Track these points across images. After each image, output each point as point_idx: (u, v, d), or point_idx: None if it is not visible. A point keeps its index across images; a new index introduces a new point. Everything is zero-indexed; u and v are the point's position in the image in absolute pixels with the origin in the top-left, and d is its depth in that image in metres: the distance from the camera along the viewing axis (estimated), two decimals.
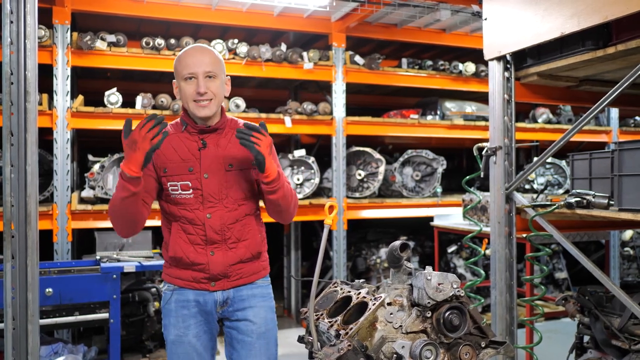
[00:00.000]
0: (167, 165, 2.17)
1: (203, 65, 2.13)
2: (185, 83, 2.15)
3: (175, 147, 2.18)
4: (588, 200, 2.77)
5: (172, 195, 2.17)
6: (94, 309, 3.84)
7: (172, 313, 2.21)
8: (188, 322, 2.19)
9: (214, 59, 2.18)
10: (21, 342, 2.33)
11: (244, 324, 2.23)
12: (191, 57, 2.15)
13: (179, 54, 2.21)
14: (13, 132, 2.30)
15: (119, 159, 4.83)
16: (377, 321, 1.67)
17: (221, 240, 2.16)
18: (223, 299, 2.21)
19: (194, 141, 2.19)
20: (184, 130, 2.21)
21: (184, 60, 2.16)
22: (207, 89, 2.13)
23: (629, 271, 7.12)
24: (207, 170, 2.16)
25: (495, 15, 3.11)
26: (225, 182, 2.18)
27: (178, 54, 2.22)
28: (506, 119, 3.13)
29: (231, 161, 2.19)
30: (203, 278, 2.18)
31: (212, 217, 2.15)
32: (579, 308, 3.15)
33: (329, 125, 5.55)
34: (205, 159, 2.17)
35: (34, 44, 2.38)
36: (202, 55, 2.16)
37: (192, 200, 2.15)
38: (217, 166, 2.17)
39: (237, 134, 2.05)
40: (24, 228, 2.35)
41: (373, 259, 6.40)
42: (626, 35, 2.54)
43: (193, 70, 2.13)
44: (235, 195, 2.19)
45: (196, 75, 2.13)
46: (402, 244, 1.78)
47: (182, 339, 2.19)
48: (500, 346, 1.75)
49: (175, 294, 2.22)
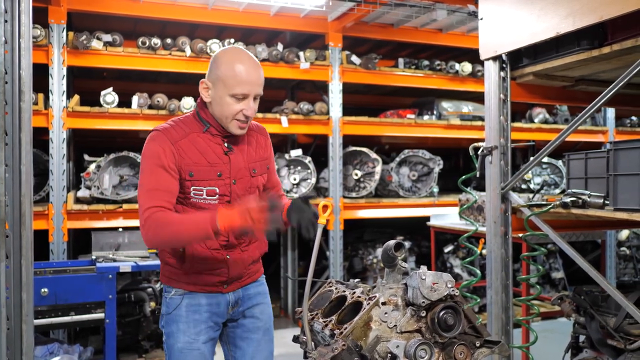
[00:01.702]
0: (192, 169, 2.01)
1: (256, 87, 2.02)
2: (232, 99, 2.00)
3: (200, 150, 2.04)
4: (583, 200, 2.77)
5: (194, 199, 2.05)
6: (89, 309, 3.83)
7: (182, 319, 2.10)
8: (199, 328, 2.11)
9: (262, 76, 2.06)
10: (15, 343, 2.32)
11: (250, 321, 2.22)
12: (247, 74, 2.00)
13: (231, 61, 2.01)
14: (7, 132, 2.28)
15: (114, 159, 4.81)
16: (371, 321, 1.67)
17: (238, 245, 2.14)
18: (235, 300, 2.19)
19: (218, 144, 2.07)
20: (205, 132, 2.07)
21: (239, 76, 1.98)
22: (253, 112, 2.04)
23: (626, 271, 7.13)
24: (235, 175, 2.08)
25: (491, 15, 3.11)
26: (249, 188, 2.13)
27: (228, 56, 2.03)
28: (502, 119, 3.13)
29: (254, 166, 2.15)
30: (217, 282, 2.13)
31: None
32: (574, 307, 3.15)
33: (325, 125, 5.54)
34: (234, 164, 2.08)
35: (29, 43, 2.37)
36: (256, 72, 2.02)
37: (215, 206, 2.02)
38: (243, 172, 2.11)
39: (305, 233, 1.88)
40: (19, 228, 2.34)
41: (370, 259, 6.40)
42: (621, 35, 2.54)
43: (247, 92, 2.00)
44: None
45: (247, 97, 2.01)
46: (396, 244, 1.78)
47: (192, 345, 2.09)
48: (494, 345, 1.75)
49: (187, 298, 2.12)
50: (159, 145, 1.99)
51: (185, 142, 2.02)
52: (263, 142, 2.24)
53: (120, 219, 4.74)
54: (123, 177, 4.86)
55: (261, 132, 2.27)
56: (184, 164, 2.00)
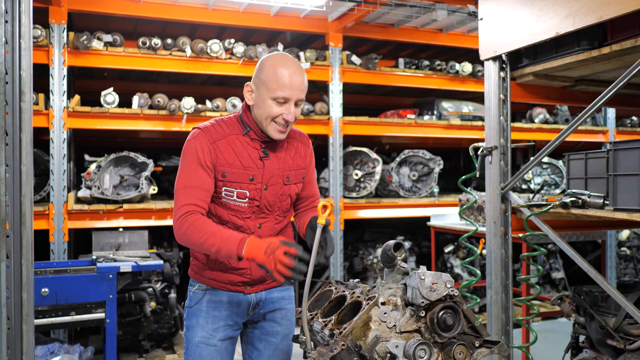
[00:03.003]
0: (226, 170, 2.04)
1: (298, 92, 2.01)
2: (273, 102, 2.00)
3: (236, 152, 2.06)
4: (583, 200, 2.78)
5: (224, 199, 2.07)
6: (90, 309, 3.83)
7: (202, 314, 2.14)
8: (217, 325, 2.14)
9: (306, 83, 2.05)
10: (16, 342, 2.32)
11: (270, 324, 2.22)
12: (290, 78, 1.99)
13: (274, 62, 2.02)
14: (8, 132, 2.29)
15: (115, 159, 4.82)
16: (370, 321, 1.67)
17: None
18: (256, 301, 2.19)
19: (255, 148, 2.09)
20: (245, 135, 2.08)
21: (282, 79, 1.98)
22: (295, 117, 2.03)
23: (626, 271, 7.12)
24: (267, 181, 2.09)
25: (491, 16, 3.11)
26: (280, 195, 2.13)
27: (272, 60, 2.03)
28: (502, 119, 3.13)
29: (289, 174, 2.15)
30: (240, 282, 2.14)
31: (263, 228, 2.11)
32: (574, 308, 3.15)
33: (326, 125, 5.55)
34: (268, 170, 2.09)
35: (29, 43, 2.37)
36: (299, 77, 2.01)
37: (245, 209, 2.07)
38: (277, 178, 2.11)
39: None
40: (19, 228, 2.35)
41: (370, 259, 6.39)
42: (621, 35, 2.55)
43: (289, 95, 1.99)
44: (285, 207, 2.17)
45: (289, 100, 2.00)
46: (395, 244, 1.78)
47: (208, 341, 2.12)
48: (494, 345, 1.75)
49: (209, 294, 2.15)
50: (198, 143, 2.03)
51: (223, 143, 2.05)
52: (303, 151, 2.22)
53: (121, 219, 4.75)
54: (123, 177, 4.86)
55: (303, 140, 2.25)
56: (219, 164, 2.04)
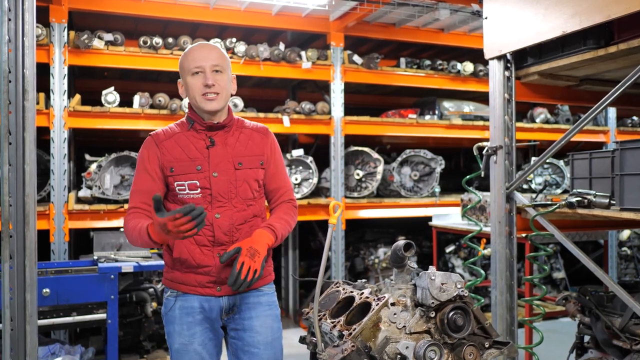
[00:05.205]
0: (174, 165, 2.12)
1: (210, 60, 2.12)
2: (192, 78, 2.13)
3: (182, 146, 2.15)
4: (589, 199, 2.76)
5: (180, 195, 2.13)
6: (91, 310, 3.81)
7: (176, 320, 2.14)
8: (193, 330, 2.13)
9: (221, 55, 2.17)
10: (19, 343, 2.30)
11: (249, 335, 2.18)
12: (198, 52, 2.14)
13: (185, 51, 2.20)
14: (11, 131, 2.28)
15: (116, 159, 4.80)
16: (380, 321, 1.66)
17: (229, 242, 2.12)
18: (229, 305, 2.17)
19: (202, 139, 2.16)
20: (190, 129, 2.18)
21: (190, 55, 2.14)
22: (214, 82, 2.11)
23: (627, 271, 7.13)
24: (215, 168, 2.13)
25: (496, 14, 3.10)
26: (234, 181, 2.14)
27: (184, 52, 2.20)
28: (507, 118, 3.12)
29: (240, 159, 2.17)
30: (208, 282, 2.13)
31: (221, 217, 2.12)
32: (579, 308, 3.14)
33: (327, 124, 5.53)
34: (214, 157, 2.14)
35: (32, 42, 2.35)
36: (208, 50, 2.15)
37: (200, 200, 2.11)
38: (226, 164, 2.14)
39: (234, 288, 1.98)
40: (22, 228, 2.33)
41: (371, 259, 6.39)
42: (628, 34, 2.54)
43: (200, 64, 2.11)
44: (245, 194, 2.16)
45: (203, 69, 2.11)
46: (406, 244, 1.77)
47: (187, 347, 2.12)
48: (504, 346, 1.74)
49: (179, 301, 2.16)
50: (145, 149, 2.17)
51: (169, 142, 2.15)
52: (259, 140, 2.25)
53: (122, 219, 4.71)
54: (124, 177, 4.84)
55: (259, 130, 2.29)
56: (166, 161, 2.13)
